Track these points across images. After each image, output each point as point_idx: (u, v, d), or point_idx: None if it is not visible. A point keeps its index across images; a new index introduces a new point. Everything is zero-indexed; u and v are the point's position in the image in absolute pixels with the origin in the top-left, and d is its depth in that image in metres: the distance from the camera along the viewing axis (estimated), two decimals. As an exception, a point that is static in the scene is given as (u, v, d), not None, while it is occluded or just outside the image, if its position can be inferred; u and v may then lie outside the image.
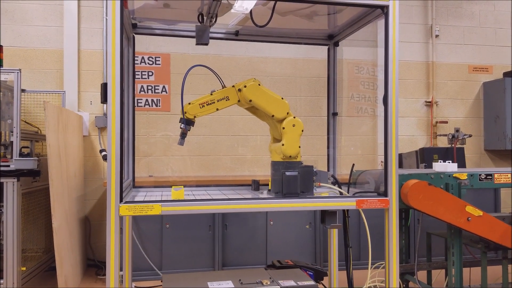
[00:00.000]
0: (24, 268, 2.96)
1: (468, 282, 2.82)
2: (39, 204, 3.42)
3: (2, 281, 2.79)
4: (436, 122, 4.60)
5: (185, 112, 1.92)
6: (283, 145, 1.96)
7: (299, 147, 1.99)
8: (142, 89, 4.11)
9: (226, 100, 1.95)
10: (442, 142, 4.60)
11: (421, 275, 3.22)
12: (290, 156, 1.97)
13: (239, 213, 3.80)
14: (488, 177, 2.61)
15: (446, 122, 4.63)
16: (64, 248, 3.07)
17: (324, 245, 3.91)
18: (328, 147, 2.63)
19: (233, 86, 1.95)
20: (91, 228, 4.09)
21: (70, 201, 3.39)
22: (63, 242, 3.04)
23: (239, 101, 1.97)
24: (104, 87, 1.56)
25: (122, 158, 1.60)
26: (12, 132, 2.85)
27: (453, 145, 4.03)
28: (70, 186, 3.39)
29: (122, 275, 2.27)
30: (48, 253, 3.53)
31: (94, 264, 4.03)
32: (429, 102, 4.63)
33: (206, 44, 1.98)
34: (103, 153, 3.92)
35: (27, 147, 3.04)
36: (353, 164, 2.06)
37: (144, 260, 3.65)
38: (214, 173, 4.26)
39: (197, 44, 1.99)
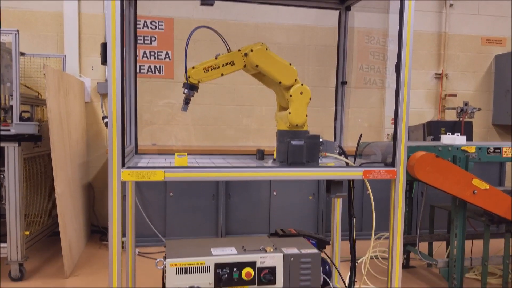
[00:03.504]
0: (27, 233, 2.98)
1: (469, 254, 2.83)
2: (41, 170, 3.41)
3: (5, 244, 2.81)
4: (445, 95, 4.52)
5: (189, 77, 1.85)
6: (289, 113, 1.90)
7: (306, 116, 1.93)
8: (144, 55, 4.02)
9: (232, 65, 1.88)
10: (450, 116, 4.52)
11: (422, 246, 3.23)
12: (296, 125, 1.92)
13: (242, 183, 3.79)
14: (496, 151, 2.56)
15: (455, 96, 4.54)
16: (68, 213, 3.07)
17: (327, 217, 3.91)
18: (335, 118, 2.57)
19: (239, 50, 1.88)
20: (94, 195, 4.10)
21: (73, 168, 3.37)
22: (66, 208, 3.05)
23: (245, 66, 1.89)
24: (104, 47, 1.50)
25: (123, 121, 1.55)
26: (12, 96, 2.79)
27: (461, 119, 3.96)
28: (72, 152, 3.37)
29: (125, 241, 2.27)
30: (52, 218, 3.55)
31: (98, 230, 4.07)
32: (439, 74, 4.53)
33: (211, 5, 1.88)
34: (106, 120, 3.88)
35: (27, 111, 3.00)
36: (361, 134, 2.01)
37: (148, 227, 3.68)
38: (219, 143, 4.23)
39: (201, 4, 1.89)
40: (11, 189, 2.79)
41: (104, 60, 1.51)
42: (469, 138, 3.96)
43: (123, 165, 1.58)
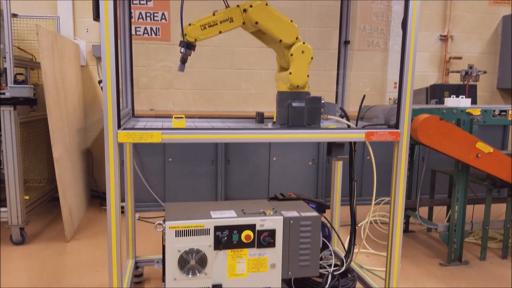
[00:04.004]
0: (27, 197, 2.98)
1: (469, 219, 2.83)
2: (39, 135, 3.37)
3: (6, 209, 2.81)
4: (450, 58, 4.41)
5: (185, 35, 1.77)
6: (290, 73, 1.84)
7: (308, 76, 1.87)
8: (140, 16, 3.89)
9: (230, 21, 1.79)
10: (454, 80, 4.43)
11: (422, 212, 3.23)
12: (297, 86, 1.86)
13: (242, 149, 3.76)
14: (502, 113, 2.51)
15: (460, 58, 4.43)
16: (67, 178, 3.06)
17: (326, 182, 3.90)
18: (337, 82, 2.49)
19: (237, 6, 1.79)
20: (93, 161, 4.08)
21: (71, 133, 3.33)
22: (65, 173, 3.03)
23: (244, 23, 1.81)
24: (96, 1, 1.41)
25: (118, 78, 1.49)
26: (5, 58, 2.71)
27: (465, 82, 3.87)
28: (69, 117, 3.31)
29: (124, 206, 2.26)
30: (51, 183, 3.54)
31: (98, 196, 4.08)
32: (444, 36, 4.40)
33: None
34: (102, 84, 3.80)
35: (21, 74, 2.92)
36: (364, 95, 1.95)
37: (148, 192, 3.68)
38: (217, 108, 4.16)
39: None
40: (8, 153, 2.76)
41: (96, 16, 1.44)
42: (473, 101, 3.89)
43: (119, 126, 1.53)
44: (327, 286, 1.86)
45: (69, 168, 3.17)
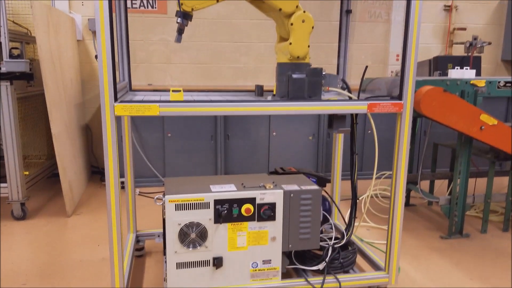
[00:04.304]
0: (27, 173, 2.97)
1: (471, 192, 2.82)
2: (37, 110, 3.33)
3: (6, 184, 2.80)
4: (454, 29, 4.31)
5: (181, 4, 1.71)
6: (290, 44, 1.79)
7: (308, 46, 1.81)
8: (136, -13, 3.78)
9: (228, -10, 1.73)
10: (458, 52, 4.35)
11: (423, 185, 3.22)
12: (298, 57, 1.81)
13: (241, 123, 3.72)
14: (507, 85, 2.46)
15: (465, 29, 4.33)
16: (66, 154, 3.04)
17: (327, 157, 3.88)
18: (338, 53, 2.42)
19: (235, -26, 1.72)
20: (92, 137, 4.06)
21: (69, 108, 3.30)
22: (64, 148, 3.01)
23: (242, -9, 1.75)
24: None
25: (113, 52, 1.45)
26: (0, 32, 2.65)
27: (469, 54, 3.80)
28: (67, 92, 3.27)
29: (124, 181, 2.25)
30: (51, 159, 3.53)
31: (98, 171, 4.07)
32: (448, 6, 4.28)
33: None
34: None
35: (17, 48, 2.86)
36: (366, 66, 1.90)
37: (147, 168, 3.67)
38: (216, 83, 4.11)
39: None
40: (7, 128, 2.74)
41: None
42: (478, 73, 3.83)
43: (115, 99, 1.50)
44: (327, 258, 1.86)
45: (68, 144, 3.15)
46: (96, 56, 3.86)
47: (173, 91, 1.80)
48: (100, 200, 3.31)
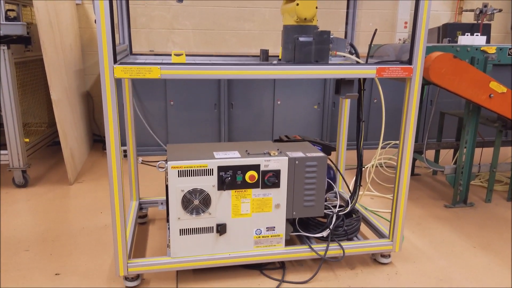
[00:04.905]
0: (27, 140, 2.94)
1: (477, 162, 2.79)
2: (36, 76, 3.27)
3: (6, 151, 2.78)
4: (464, -4, 4.17)
5: (184, -39, 1.63)
6: (297, 4, 1.71)
7: (316, 8, 1.74)
8: None
9: None
10: (467, 19, 4.22)
11: (428, 155, 3.19)
12: (305, 19, 1.73)
13: (245, 92, 3.66)
14: (519, 52, 2.38)
15: (475, -4, 4.19)
16: (67, 121, 3.00)
17: (332, 126, 3.83)
18: (346, 19, 2.33)
19: None
20: (94, 104, 4.01)
21: (69, 74, 3.23)
22: (65, 115, 2.96)
23: None
24: None
25: (112, 13, 1.39)
26: (-6, -7, 2.55)
27: (479, 21, 3.67)
28: (66, 58, 3.20)
29: (126, 150, 2.22)
30: (52, 127, 3.49)
31: (100, 140, 4.05)
32: (460, -29, 4.13)
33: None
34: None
35: (13, 10, 2.77)
36: (376, 29, 1.82)
37: (150, 137, 3.63)
38: (219, 50, 4.01)
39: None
40: (5, 94, 2.68)
41: None
42: (487, 41, 3.72)
43: (115, 61, 1.44)
44: (331, 225, 1.85)
45: (68, 111, 3.10)
46: (95, 21, 3.75)
47: (175, 54, 1.74)
48: (102, 168, 3.30)
